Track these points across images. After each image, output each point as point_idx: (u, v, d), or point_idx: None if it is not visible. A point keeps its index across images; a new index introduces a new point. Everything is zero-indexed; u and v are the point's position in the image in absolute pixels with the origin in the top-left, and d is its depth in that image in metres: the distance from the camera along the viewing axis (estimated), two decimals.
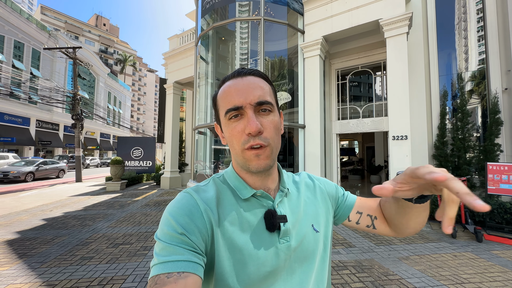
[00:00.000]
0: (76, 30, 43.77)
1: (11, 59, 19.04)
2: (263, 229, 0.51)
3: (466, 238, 4.03)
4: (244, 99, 0.50)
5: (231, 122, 0.52)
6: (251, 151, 0.50)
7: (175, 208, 0.48)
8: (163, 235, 0.45)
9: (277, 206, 0.55)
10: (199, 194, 0.52)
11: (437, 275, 2.75)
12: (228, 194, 0.55)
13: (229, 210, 0.52)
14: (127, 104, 41.63)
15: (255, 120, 0.49)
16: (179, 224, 0.45)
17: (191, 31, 9.92)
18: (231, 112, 0.51)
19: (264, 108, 0.51)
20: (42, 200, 7.31)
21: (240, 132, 0.50)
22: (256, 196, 0.54)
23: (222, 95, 0.53)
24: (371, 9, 5.65)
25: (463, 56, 5.95)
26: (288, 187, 0.59)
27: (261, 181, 0.56)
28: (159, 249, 0.44)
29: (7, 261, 3.12)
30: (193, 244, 0.44)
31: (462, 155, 5.38)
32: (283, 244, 0.52)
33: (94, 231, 4.35)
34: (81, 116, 12.68)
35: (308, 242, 0.55)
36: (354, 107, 7.62)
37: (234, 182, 0.56)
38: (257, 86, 0.52)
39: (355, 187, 10.03)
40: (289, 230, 0.53)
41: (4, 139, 18.29)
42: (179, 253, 0.42)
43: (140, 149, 12.49)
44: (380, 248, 3.56)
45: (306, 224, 0.57)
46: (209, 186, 0.56)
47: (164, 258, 0.42)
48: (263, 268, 0.49)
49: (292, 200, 0.59)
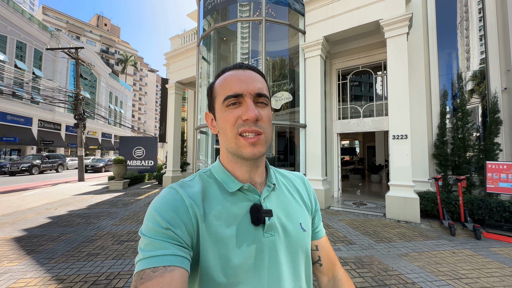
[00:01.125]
0: (77, 30, 43.91)
1: (13, 59, 19.16)
2: (248, 222, 0.52)
3: (465, 236, 4.08)
4: (245, 88, 0.52)
5: (228, 108, 0.52)
6: (246, 139, 0.51)
7: (160, 203, 0.48)
8: (148, 230, 0.45)
9: (263, 201, 0.55)
10: (185, 189, 0.52)
11: (435, 271, 2.81)
12: (215, 188, 0.55)
13: (215, 204, 0.52)
14: (128, 104, 41.74)
15: (254, 108, 0.51)
16: (164, 219, 0.45)
17: (193, 31, 9.98)
18: (230, 98, 0.52)
19: (261, 101, 0.53)
20: (46, 199, 7.41)
21: (236, 117, 0.51)
22: (243, 190, 0.55)
23: (222, 82, 0.55)
24: (371, 9, 5.70)
25: (464, 56, 5.99)
26: (274, 182, 0.60)
27: (249, 173, 0.56)
28: (144, 245, 0.43)
29: (16, 257, 3.20)
30: (179, 238, 0.44)
31: (462, 154, 5.43)
32: (267, 238, 0.52)
33: (99, 229, 4.43)
34: (83, 116, 12.78)
35: (297, 239, 0.56)
36: (354, 107, 7.68)
37: (221, 175, 0.56)
38: (257, 80, 0.54)
39: (356, 186, 10.09)
40: (275, 225, 0.54)
41: (7, 139, 18.42)
42: (165, 247, 0.42)
43: (142, 148, 12.58)
44: (380, 245, 3.62)
45: (294, 221, 0.58)
46: (194, 181, 0.55)
47: (150, 253, 0.42)
48: (247, 261, 0.49)
49: (279, 196, 0.59)
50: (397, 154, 5.20)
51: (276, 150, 8.33)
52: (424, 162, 5.91)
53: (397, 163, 5.19)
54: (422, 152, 5.95)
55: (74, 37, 42.05)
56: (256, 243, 0.51)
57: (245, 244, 0.50)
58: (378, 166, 11.15)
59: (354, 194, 8.05)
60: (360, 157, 15.56)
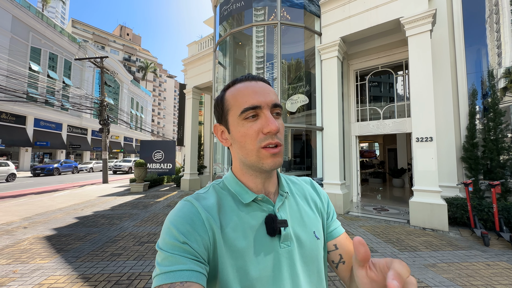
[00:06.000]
0: (102, 41, 46.76)
1: (46, 70, 20.76)
2: (264, 234, 0.51)
3: (501, 247, 3.75)
4: (263, 100, 0.51)
5: (246, 121, 0.51)
6: (268, 150, 0.50)
7: (176, 217, 0.48)
8: (164, 244, 0.45)
9: (277, 211, 0.54)
10: (200, 202, 0.51)
11: (467, 284, 2.60)
12: (229, 200, 0.54)
13: (231, 216, 0.51)
14: (148, 109, 43.53)
15: (274, 120, 0.50)
16: (181, 232, 0.45)
17: (209, 37, 10.22)
18: (249, 111, 0.50)
19: (277, 111, 0.53)
20: (74, 200, 7.87)
21: (257, 131, 0.50)
22: (257, 200, 0.54)
23: (236, 94, 0.53)
24: (391, 7, 5.50)
25: (495, 51, 5.58)
26: (287, 191, 0.59)
27: (263, 184, 0.56)
28: (161, 259, 0.44)
29: (47, 254, 3.42)
30: (195, 253, 0.44)
31: (495, 158, 5.03)
32: (283, 249, 0.52)
33: (121, 230, 4.61)
34: (107, 121, 13.49)
35: (311, 248, 0.55)
36: (374, 108, 7.41)
37: (234, 187, 0.56)
38: (271, 91, 0.54)
39: (376, 190, 9.68)
40: (290, 235, 0.53)
41: (40, 143, 19.90)
42: (182, 262, 0.42)
43: (161, 152, 13.00)
44: (404, 254, 3.43)
45: (308, 230, 0.57)
46: (209, 193, 0.55)
47: (166, 268, 0.42)
48: (265, 273, 0.48)
49: (292, 205, 0.59)
50: (422, 158, 4.92)
51: (292, 153, 8.24)
52: (452, 166, 5.54)
53: (421, 167, 4.91)
54: (449, 156, 5.59)
55: (99, 47, 44.81)
56: (273, 254, 0.50)
57: (262, 255, 0.49)
58: (400, 170, 10.64)
59: (375, 199, 7.72)
60: (380, 160, 14.95)
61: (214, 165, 8.37)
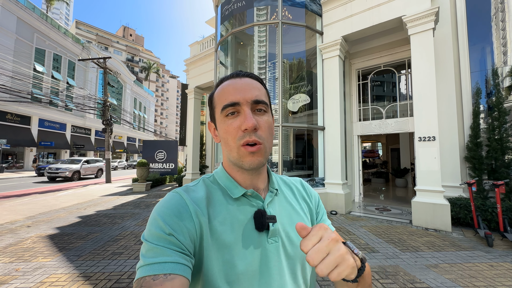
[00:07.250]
0: (106, 42, 47.09)
1: (50, 71, 20.97)
2: (252, 228, 0.51)
3: (505, 247, 3.70)
4: (241, 96, 0.51)
5: (227, 119, 0.52)
6: (246, 148, 0.50)
7: (164, 208, 0.47)
8: (150, 235, 0.44)
9: (267, 206, 0.55)
10: (189, 194, 0.51)
11: (470, 285, 2.56)
12: (218, 193, 0.54)
13: (219, 209, 0.51)
14: (151, 109, 43.77)
15: (252, 117, 0.50)
16: (167, 224, 0.44)
17: (211, 38, 10.24)
18: (228, 108, 0.51)
19: (260, 108, 0.52)
20: (77, 199, 7.93)
21: (236, 128, 0.50)
22: (247, 195, 0.54)
23: (219, 93, 0.54)
24: (393, 6, 5.46)
25: (500, 50, 5.49)
26: (277, 188, 0.60)
27: (251, 180, 0.56)
28: (145, 250, 0.43)
29: (49, 253, 3.45)
30: (181, 245, 0.43)
31: (499, 157, 4.96)
32: (271, 245, 0.52)
33: (123, 229, 4.64)
34: (110, 121, 13.58)
35: (298, 246, 0.54)
36: (376, 108, 7.36)
37: (224, 181, 0.56)
38: (254, 87, 0.53)
39: (379, 190, 9.62)
40: (278, 231, 0.53)
41: (44, 143, 20.12)
42: (166, 254, 0.41)
43: (163, 152, 13.05)
44: (406, 255, 3.40)
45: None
46: (198, 187, 0.55)
47: (151, 259, 0.41)
48: (252, 267, 0.48)
49: (281, 202, 0.59)
50: (424, 157, 4.87)
51: (294, 153, 8.21)
52: (455, 165, 5.48)
53: (424, 167, 4.86)
54: (452, 155, 5.52)
55: (102, 47, 45.16)
56: (260, 249, 0.50)
57: (250, 250, 0.49)
58: (403, 170, 10.55)
59: (377, 199, 7.67)
60: (383, 160, 14.85)
61: (216, 164, 8.38)
